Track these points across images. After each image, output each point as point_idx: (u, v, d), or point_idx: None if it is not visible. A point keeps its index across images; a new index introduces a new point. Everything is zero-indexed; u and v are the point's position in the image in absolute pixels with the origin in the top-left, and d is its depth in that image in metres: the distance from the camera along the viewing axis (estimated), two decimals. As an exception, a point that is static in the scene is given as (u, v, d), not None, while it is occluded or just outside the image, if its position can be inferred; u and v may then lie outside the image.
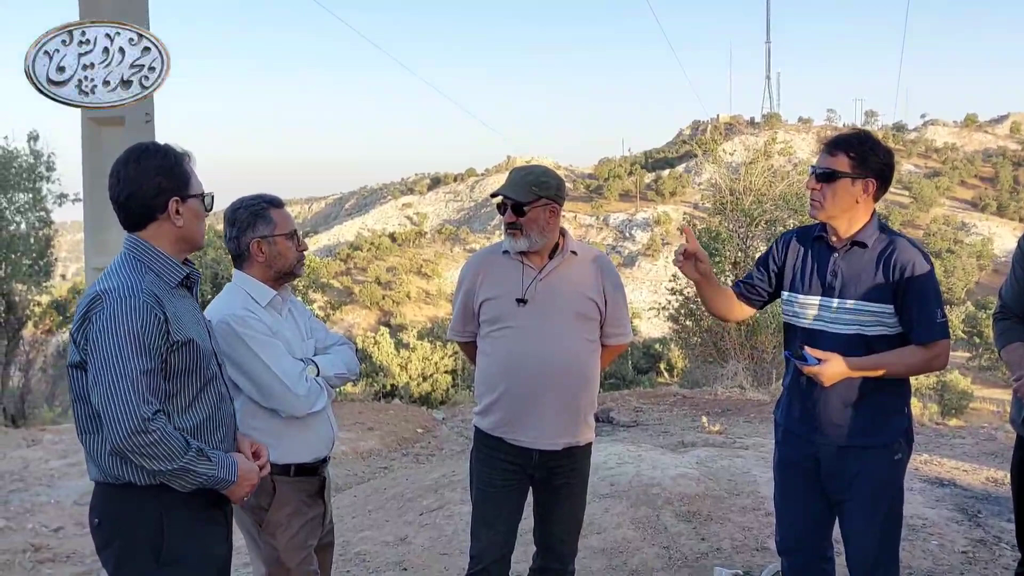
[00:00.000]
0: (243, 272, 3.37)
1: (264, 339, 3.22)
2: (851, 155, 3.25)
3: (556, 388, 3.55)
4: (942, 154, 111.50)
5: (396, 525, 6.25)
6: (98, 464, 2.67)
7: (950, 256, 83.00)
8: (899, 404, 3.36)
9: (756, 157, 20.89)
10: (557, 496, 3.69)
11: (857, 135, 3.35)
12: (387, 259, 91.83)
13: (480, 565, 3.64)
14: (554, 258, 3.61)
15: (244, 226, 3.32)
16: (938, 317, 3.19)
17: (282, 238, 3.35)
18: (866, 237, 3.29)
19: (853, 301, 3.25)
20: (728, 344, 17.36)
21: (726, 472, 6.68)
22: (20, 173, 14.98)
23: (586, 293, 3.62)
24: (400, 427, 10.31)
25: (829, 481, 3.39)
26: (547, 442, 3.58)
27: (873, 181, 3.26)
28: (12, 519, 6.50)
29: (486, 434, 3.67)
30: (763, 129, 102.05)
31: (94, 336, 2.56)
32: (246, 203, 3.36)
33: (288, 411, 3.24)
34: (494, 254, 3.70)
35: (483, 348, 3.69)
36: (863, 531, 3.35)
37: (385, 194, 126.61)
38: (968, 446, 8.78)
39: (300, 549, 3.33)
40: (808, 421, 3.42)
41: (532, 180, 3.54)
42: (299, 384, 3.23)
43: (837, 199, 3.27)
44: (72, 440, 8.92)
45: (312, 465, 3.39)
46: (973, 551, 5.27)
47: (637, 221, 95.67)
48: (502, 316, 3.58)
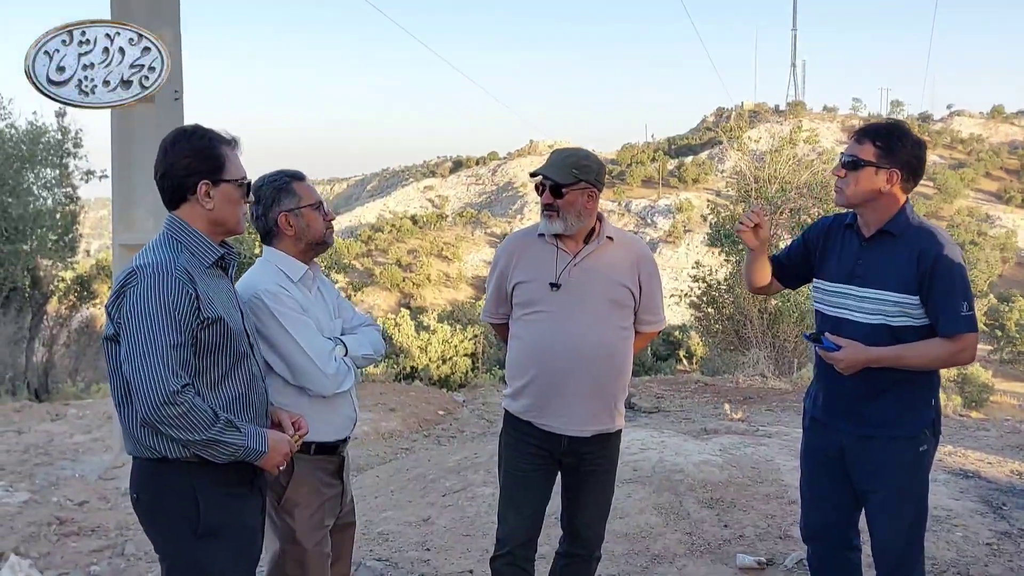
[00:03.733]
0: (274, 248, 3.36)
1: (296, 316, 3.21)
2: (877, 144, 3.24)
3: (586, 374, 3.52)
4: (967, 145, 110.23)
5: (419, 506, 6.27)
6: (133, 437, 2.71)
7: (973, 248, 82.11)
8: (926, 396, 3.33)
9: (782, 145, 20.75)
10: (585, 482, 3.67)
11: (887, 124, 3.34)
12: (408, 241, 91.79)
13: (506, 548, 3.63)
14: (589, 243, 3.58)
15: (269, 202, 3.31)
16: (964, 310, 3.15)
17: (308, 209, 3.34)
18: (895, 227, 3.26)
19: (876, 290, 3.23)
20: (750, 332, 17.30)
21: (749, 460, 6.66)
22: (47, 149, 15.03)
23: (620, 280, 3.59)
24: (421, 408, 10.33)
25: (854, 470, 3.38)
26: (576, 428, 3.56)
27: (898, 172, 3.23)
28: (37, 492, 6.55)
29: (516, 418, 3.65)
30: (788, 117, 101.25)
31: (127, 310, 2.61)
32: (268, 179, 3.36)
33: (316, 390, 3.24)
34: (529, 236, 3.67)
35: (515, 331, 3.66)
36: (888, 522, 3.34)
37: (407, 176, 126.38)
38: (992, 438, 8.73)
39: (317, 529, 3.33)
40: (833, 409, 3.42)
41: (573, 162, 3.51)
42: (329, 363, 3.23)
43: (859, 187, 3.26)
44: (96, 415, 9.00)
45: (333, 444, 3.39)
46: (998, 543, 5.24)
47: (659, 208, 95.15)
48: (535, 300, 3.55)
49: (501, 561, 3.64)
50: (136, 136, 6.80)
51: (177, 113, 6.88)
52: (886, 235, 3.28)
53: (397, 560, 5.24)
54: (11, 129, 14.87)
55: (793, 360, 16.40)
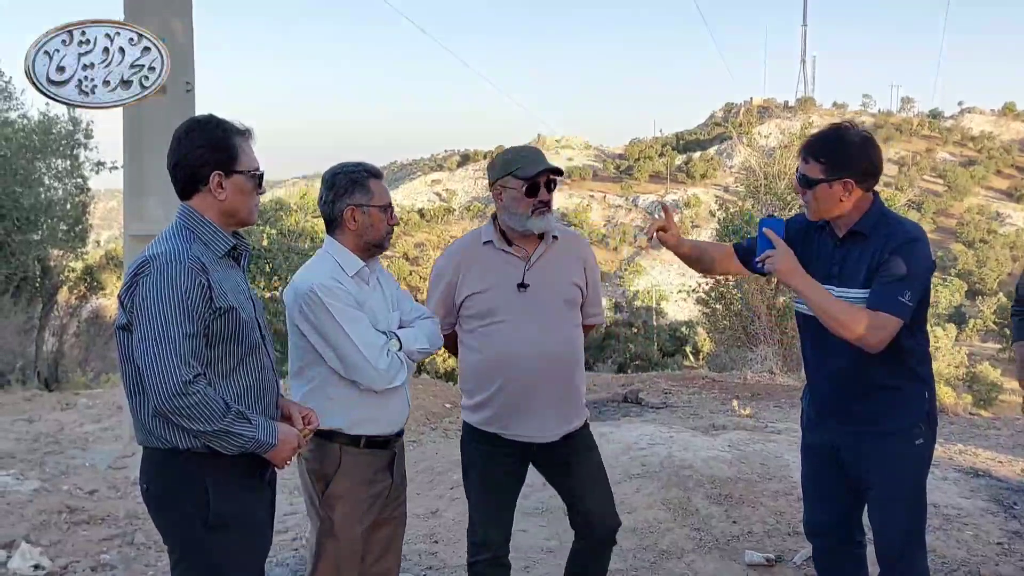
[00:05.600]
0: (335, 239, 3.35)
1: (349, 310, 3.19)
2: (821, 160, 3.20)
3: (556, 379, 3.53)
4: (978, 142, 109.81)
5: (427, 498, 6.28)
6: (145, 427, 2.71)
7: (983, 246, 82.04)
8: (918, 389, 3.30)
9: (792, 140, 20.71)
10: (572, 471, 3.65)
11: (827, 135, 3.28)
12: (415, 235, 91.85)
13: (489, 553, 3.61)
14: (542, 243, 3.57)
15: (341, 192, 3.30)
16: (902, 295, 3.06)
17: (376, 209, 3.32)
18: (865, 227, 3.23)
19: (850, 289, 3.20)
20: (758, 328, 17.26)
21: (758, 456, 6.65)
22: (59, 140, 15.07)
23: (572, 278, 3.62)
24: (429, 402, 10.31)
25: (849, 467, 3.38)
26: (549, 435, 3.56)
27: (851, 180, 3.18)
28: (47, 481, 6.58)
29: (480, 431, 3.60)
30: (797, 113, 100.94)
31: (139, 299, 2.62)
32: (347, 169, 3.34)
33: (368, 384, 3.22)
34: (473, 246, 3.62)
35: (470, 343, 3.60)
36: (886, 518, 3.33)
37: (414, 170, 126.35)
38: (1003, 437, 8.70)
39: (356, 524, 3.29)
40: (823, 409, 3.43)
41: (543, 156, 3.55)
42: (381, 359, 3.20)
43: (820, 203, 3.24)
44: (106, 405, 9.03)
45: (384, 438, 3.36)
46: (1008, 543, 5.22)
47: (667, 203, 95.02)
48: (494, 309, 3.51)
49: (485, 563, 3.62)
50: (147, 127, 6.80)
51: (189, 104, 6.89)
52: (857, 235, 3.25)
53: (405, 552, 5.22)
54: (23, 120, 14.94)
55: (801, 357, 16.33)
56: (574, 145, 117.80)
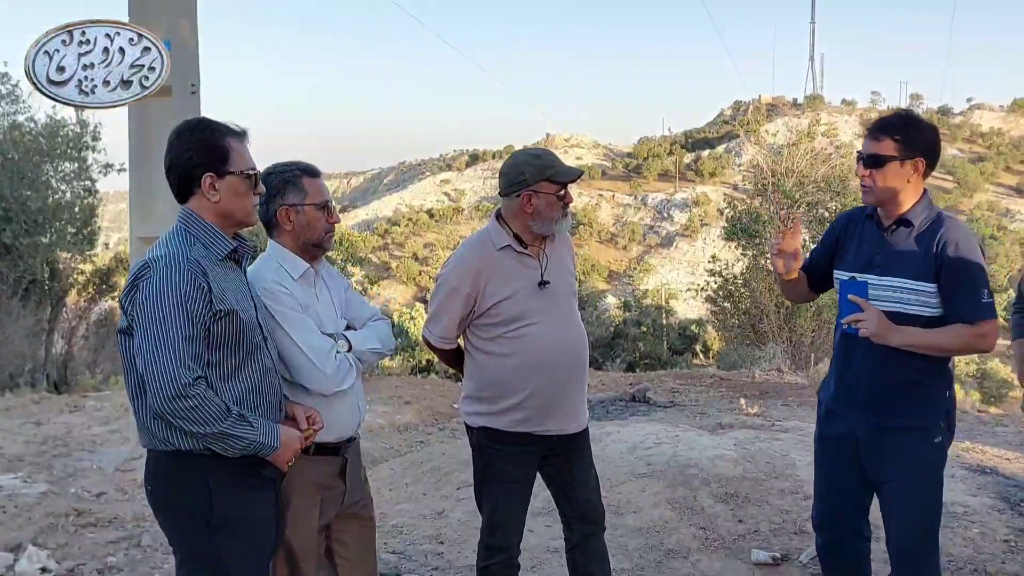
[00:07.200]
0: (275, 242, 3.28)
1: (293, 314, 3.13)
2: (896, 138, 3.24)
3: (581, 369, 3.66)
4: (987, 139, 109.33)
5: (433, 499, 6.28)
6: (148, 430, 2.72)
7: (993, 243, 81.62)
8: (941, 386, 3.33)
9: (800, 138, 20.69)
10: (572, 465, 3.72)
11: (899, 116, 3.34)
12: (425, 235, 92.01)
13: (507, 554, 3.65)
14: (547, 240, 3.63)
15: (273, 192, 3.19)
16: (984, 297, 3.16)
17: (311, 208, 3.23)
18: (914, 216, 3.27)
19: (894, 278, 3.23)
20: (766, 327, 17.25)
21: (764, 455, 6.63)
22: (67, 142, 15.09)
23: (572, 271, 3.75)
24: (436, 402, 10.34)
25: (868, 460, 3.38)
26: (573, 426, 3.65)
27: (922, 160, 3.24)
28: (55, 483, 6.60)
29: (505, 432, 3.59)
30: (806, 110, 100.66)
31: (140, 302, 2.63)
32: (278, 169, 3.26)
33: (315, 388, 3.15)
34: (488, 252, 3.58)
35: (493, 350, 3.57)
36: (902, 515, 3.35)
37: (423, 170, 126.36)
38: (1011, 434, 8.68)
39: (306, 529, 3.21)
40: (849, 399, 3.43)
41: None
42: (327, 362, 3.14)
43: (888, 183, 3.25)
44: (114, 407, 9.05)
45: (334, 445, 3.27)
46: (1015, 540, 5.21)
47: (676, 201, 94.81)
48: (523, 313, 3.50)
49: (500, 564, 3.65)
50: (153, 129, 6.81)
51: (194, 106, 6.89)
52: (905, 224, 3.28)
53: (411, 553, 5.26)
54: (30, 123, 14.95)
55: (810, 355, 16.33)
56: (583, 144, 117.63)
